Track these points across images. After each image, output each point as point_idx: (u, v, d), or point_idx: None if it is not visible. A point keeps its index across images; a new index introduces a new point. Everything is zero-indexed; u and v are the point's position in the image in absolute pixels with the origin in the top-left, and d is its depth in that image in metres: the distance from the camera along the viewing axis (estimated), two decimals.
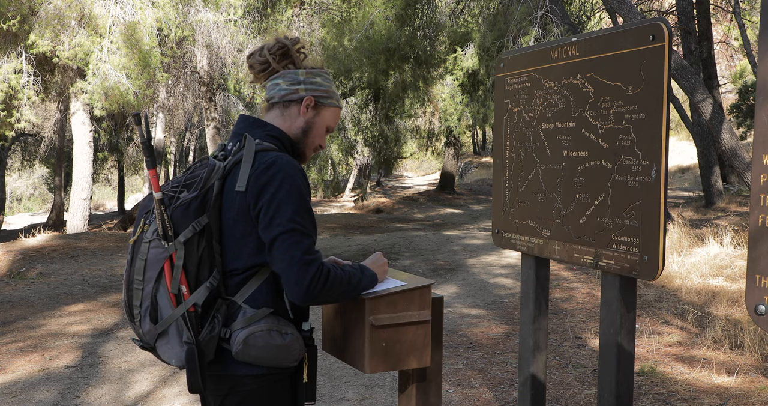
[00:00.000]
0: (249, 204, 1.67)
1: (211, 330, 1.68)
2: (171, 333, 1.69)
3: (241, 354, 1.67)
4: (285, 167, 1.68)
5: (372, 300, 1.89)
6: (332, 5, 17.35)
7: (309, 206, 1.70)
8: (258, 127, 1.81)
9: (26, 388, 4.34)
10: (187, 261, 1.66)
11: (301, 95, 1.82)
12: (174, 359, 1.70)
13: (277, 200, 1.64)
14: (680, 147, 27.45)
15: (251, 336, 1.66)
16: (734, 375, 4.09)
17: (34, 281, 8.16)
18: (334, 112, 1.89)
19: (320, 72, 1.88)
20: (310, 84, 1.84)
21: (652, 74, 2.01)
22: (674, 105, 12.89)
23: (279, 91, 1.83)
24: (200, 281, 1.68)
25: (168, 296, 1.67)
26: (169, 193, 1.70)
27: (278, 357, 1.69)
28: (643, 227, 2.05)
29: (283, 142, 1.81)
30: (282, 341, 1.69)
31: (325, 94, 1.86)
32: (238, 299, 1.71)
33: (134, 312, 1.72)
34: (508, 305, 6.43)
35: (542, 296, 2.64)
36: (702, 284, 6.26)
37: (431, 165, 38.94)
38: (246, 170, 1.68)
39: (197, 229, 1.67)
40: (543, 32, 11.30)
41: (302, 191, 1.68)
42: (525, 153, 2.59)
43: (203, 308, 1.69)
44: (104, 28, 10.19)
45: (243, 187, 1.67)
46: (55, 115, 16.99)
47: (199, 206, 1.68)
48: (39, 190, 36.24)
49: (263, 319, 1.69)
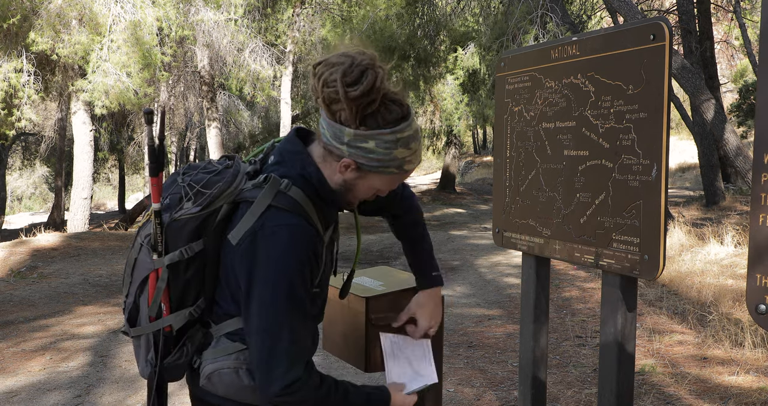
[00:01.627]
0: (238, 265, 1.44)
1: (177, 358, 1.53)
2: (142, 343, 1.55)
3: (206, 387, 1.53)
4: (281, 253, 1.38)
5: (372, 299, 1.89)
6: (333, 4, 17.34)
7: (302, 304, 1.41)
8: (299, 160, 1.48)
9: (30, 390, 4.34)
10: (171, 284, 1.48)
11: (341, 155, 1.44)
12: (139, 367, 1.59)
13: (264, 296, 1.39)
14: (681, 146, 27.45)
15: (216, 373, 1.50)
16: (735, 375, 4.09)
17: (34, 281, 8.17)
18: (392, 179, 1.49)
19: (377, 135, 1.39)
20: (355, 148, 1.41)
21: (653, 74, 2.01)
22: (675, 104, 12.89)
23: (323, 136, 1.45)
24: (183, 305, 1.50)
25: (147, 303, 1.51)
26: (180, 191, 1.47)
27: (247, 397, 1.51)
28: (644, 227, 2.05)
29: (320, 193, 1.49)
30: (249, 383, 1.49)
31: (375, 164, 1.43)
32: (215, 331, 1.53)
33: (123, 298, 1.59)
34: (510, 305, 6.43)
35: (543, 295, 2.64)
36: (703, 283, 6.26)
37: (432, 164, 38.93)
38: (247, 224, 1.42)
39: (186, 255, 1.45)
40: (543, 31, 11.30)
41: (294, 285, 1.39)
42: (525, 152, 2.59)
43: (179, 330, 1.52)
44: (105, 27, 10.20)
45: (235, 240, 1.43)
46: (55, 114, 17.00)
47: (194, 230, 1.45)
48: (39, 189, 36.25)
49: (234, 354, 1.50)
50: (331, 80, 1.35)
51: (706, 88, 9.05)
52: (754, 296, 1.70)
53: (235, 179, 1.47)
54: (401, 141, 1.42)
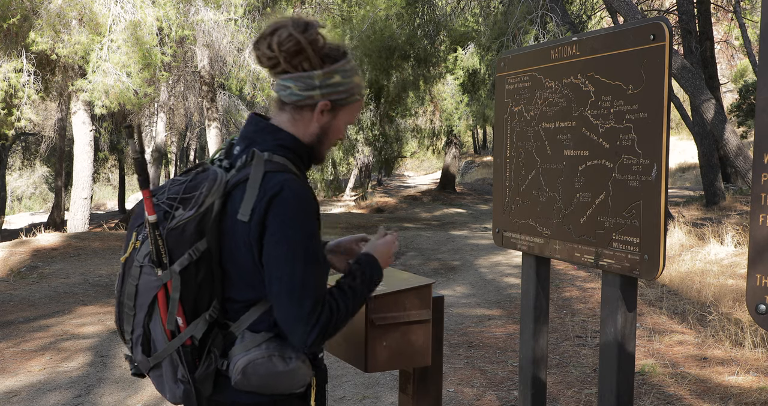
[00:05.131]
0: (252, 236, 1.49)
1: (207, 367, 1.53)
2: (165, 367, 1.54)
3: (240, 384, 1.52)
4: (294, 202, 1.48)
5: (373, 299, 1.89)
6: (333, 4, 17.34)
7: (318, 247, 1.51)
8: (269, 133, 1.58)
9: (30, 390, 4.34)
10: (183, 292, 1.49)
11: (317, 101, 1.57)
12: (168, 394, 1.57)
13: (284, 246, 1.47)
14: (681, 146, 27.44)
15: (250, 365, 1.51)
16: (735, 375, 4.09)
17: (34, 281, 8.17)
18: (355, 107, 1.66)
19: (338, 67, 1.58)
20: (327, 87, 1.57)
21: (653, 74, 2.01)
22: (675, 104, 12.89)
23: (290, 96, 1.58)
24: (198, 312, 1.51)
25: (162, 326, 1.51)
26: (163, 206, 1.52)
27: (282, 384, 1.54)
28: (644, 227, 2.05)
29: (297, 151, 1.59)
30: (285, 368, 1.52)
31: (343, 95, 1.59)
32: (236, 328, 1.55)
33: (126, 337, 1.59)
34: (510, 305, 6.43)
35: (543, 295, 2.64)
36: (703, 283, 6.26)
37: (432, 164, 38.92)
38: (251, 198, 1.48)
39: (194, 256, 1.49)
40: (543, 31, 11.30)
41: (311, 232, 1.50)
42: (525, 152, 2.59)
43: (200, 340, 1.53)
44: (105, 27, 10.20)
45: (246, 217, 1.48)
46: (55, 114, 16.99)
47: (196, 229, 1.49)
48: (39, 189, 36.24)
49: (264, 343, 1.53)
50: (286, 36, 1.53)
51: (706, 88, 9.05)
52: (754, 296, 1.70)
53: (217, 176, 1.53)
54: (354, 69, 1.63)
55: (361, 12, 16.48)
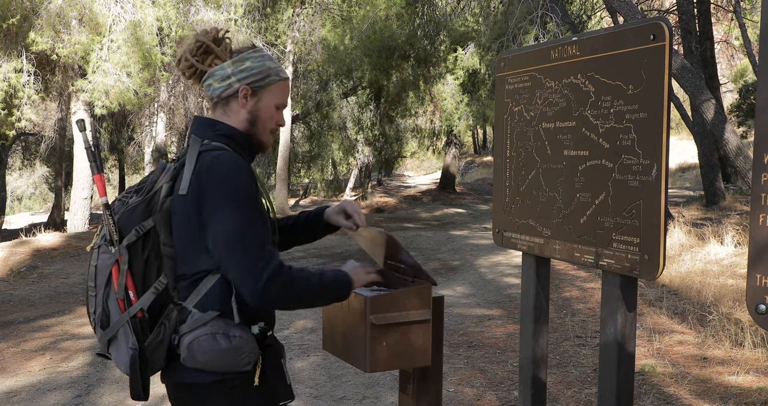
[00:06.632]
0: (191, 206, 1.62)
1: (156, 336, 1.64)
2: (120, 339, 1.66)
3: (187, 360, 1.62)
4: (225, 167, 1.61)
5: (373, 299, 1.89)
6: (333, 4, 17.34)
7: (255, 203, 1.63)
8: (208, 127, 1.73)
9: (30, 390, 4.34)
10: (132, 265, 1.65)
11: (235, 88, 1.72)
12: (122, 366, 1.67)
13: (221, 204, 1.59)
14: (681, 146, 27.44)
15: (195, 341, 1.60)
16: (735, 375, 4.09)
17: (34, 281, 8.17)
18: (277, 88, 1.78)
19: (246, 55, 1.75)
20: (239, 73, 1.72)
21: (653, 74, 2.01)
22: (675, 104, 12.89)
23: (214, 91, 1.74)
24: (147, 286, 1.66)
25: (116, 301, 1.65)
26: (122, 199, 1.73)
27: (227, 362, 1.62)
28: (644, 227, 2.05)
29: (236, 139, 1.73)
30: (228, 345, 1.61)
31: (259, 76, 1.74)
32: (188, 303, 1.65)
33: (91, 318, 1.72)
34: (510, 305, 6.43)
35: (543, 295, 2.64)
36: (703, 283, 6.26)
37: (432, 164, 38.92)
38: (188, 172, 1.63)
39: (140, 232, 1.66)
40: (543, 31, 11.30)
41: (245, 190, 1.61)
42: (525, 152, 2.59)
43: (153, 313, 1.66)
44: (105, 27, 10.20)
45: (185, 190, 1.63)
46: (55, 114, 16.99)
47: (144, 210, 1.67)
48: (40, 189, 36.23)
49: (210, 322, 1.62)
50: (192, 42, 1.74)
51: (706, 88, 9.05)
52: (754, 295, 1.70)
53: (165, 165, 1.72)
54: (266, 56, 1.77)
55: (361, 12, 16.48)
